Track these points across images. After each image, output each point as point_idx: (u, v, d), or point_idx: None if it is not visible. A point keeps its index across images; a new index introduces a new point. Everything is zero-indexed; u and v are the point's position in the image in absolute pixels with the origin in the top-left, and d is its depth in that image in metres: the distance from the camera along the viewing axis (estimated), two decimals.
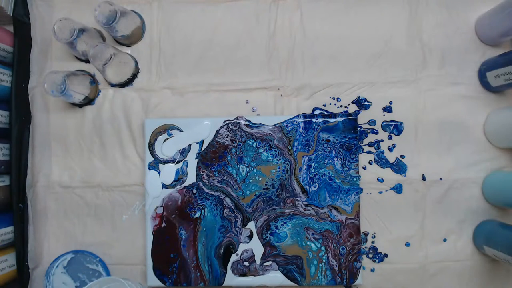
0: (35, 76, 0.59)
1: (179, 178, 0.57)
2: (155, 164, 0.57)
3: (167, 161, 0.57)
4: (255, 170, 0.56)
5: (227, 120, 0.57)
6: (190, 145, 0.57)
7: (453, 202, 0.57)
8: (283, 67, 0.58)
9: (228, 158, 0.57)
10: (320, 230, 0.56)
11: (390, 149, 0.57)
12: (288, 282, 0.56)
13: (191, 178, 0.57)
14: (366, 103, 0.58)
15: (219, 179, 0.57)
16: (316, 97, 0.58)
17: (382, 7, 0.58)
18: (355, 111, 0.58)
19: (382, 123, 0.57)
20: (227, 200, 0.57)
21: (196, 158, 0.57)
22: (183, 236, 0.57)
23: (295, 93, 0.58)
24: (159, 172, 0.57)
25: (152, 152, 0.57)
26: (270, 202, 0.56)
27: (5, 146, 0.58)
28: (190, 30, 0.59)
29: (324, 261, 0.56)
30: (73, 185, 0.59)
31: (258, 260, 0.56)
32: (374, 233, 0.57)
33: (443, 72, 0.57)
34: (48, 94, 0.54)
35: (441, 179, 0.57)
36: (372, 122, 0.57)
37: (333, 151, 0.56)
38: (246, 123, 0.57)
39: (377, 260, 0.57)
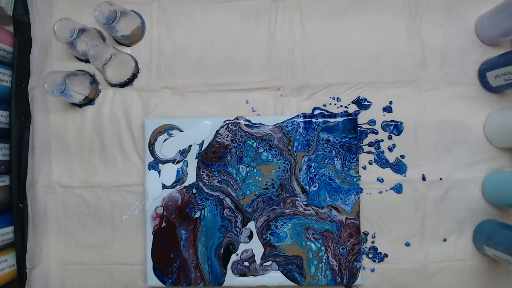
0: (35, 76, 0.59)
1: (180, 178, 0.57)
2: (155, 164, 0.57)
3: (167, 161, 0.57)
4: (255, 170, 0.56)
5: (227, 120, 0.57)
6: (190, 145, 0.57)
7: (453, 202, 0.57)
8: (283, 67, 0.58)
9: (228, 158, 0.57)
10: (320, 230, 0.56)
11: (390, 149, 0.57)
12: (288, 282, 0.56)
13: (191, 178, 0.57)
14: (366, 103, 0.58)
15: (219, 179, 0.57)
16: (316, 97, 0.58)
17: (382, 7, 0.58)
18: (355, 111, 0.58)
19: (382, 123, 0.57)
20: (227, 200, 0.56)
21: (196, 158, 0.57)
22: (183, 236, 0.57)
23: (295, 93, 0.58)
24: (159, 172, 0.57)
25: (152, 152, 0.57)
26: (270, 202, 0.56)
27: (5, 146, 0.58)
28: (190, 30, 0.59)
29: (324, 261, 0.56)
30: (73, 185, 0.59)
31: (258, 260, 0.56)
32: (374, 233, 0.57)
33: (443, 72, 0.57)
34: (48, 94, 0.54)
35: (441, 179, 0.57)
36: (372, 122, 0.57)
37: (333, 151, 0.56)
38: (246, 123, 0.57)
39: (377, 260, 0.57)
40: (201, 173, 0.57)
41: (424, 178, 0.57)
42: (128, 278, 0.59)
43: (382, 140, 0.57)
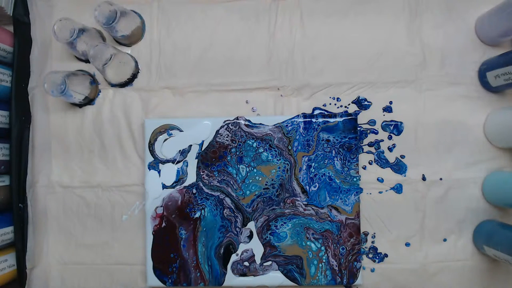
0: (35, 76, 0.59)
1: (180, 178, 0.57)
2: (155, 164, 0.57)
3: (167, 161, 0.57)
4: (255, 170, 0.56)
5: (227, 120, 0.57)
6: (190, 145, 0.57)
7: (453, 202, 0.57)
8: (283, 67, 0.58)
9: (228, 158, 0.57)
10: (320, 230, 0.56)
11: (390, 149, 0.57)
12: (288, 282, 0.56)
13: (191, 178, 0.57)
14: (366, 103, 0.58)
15: (219, 179, 0.57)
16: (316, 97, 0.58)
17: (382, 7, 0.58)
18: (355, 111, 0.58)
19: (382, 123, 0.57)
20: (227, 200, 0.56)
21: (196, 158, 0.57)
22: (183, 236, 0.57)
23: (295, 93, 0.58)
24: (159, 172, 0.57)
25: (152, 152, 0.57)
26: (270, 202, 0.56)
27: (5, 146, 0.58)
28: (190, 30, 0.59)
29: (324, 261, 0.56)
30: (73, 185, 0.59)
31: (258, 260, 0.56)
32: (374, 233, 0.57)
33: (443, 72, 0.57)
34: (48, 94, 0.54)
35: (441, 179, 0.57)
36: (372, 122, 0.57)
37: (333, 151, 0.56)
38: (246, 123, 0.57)
39: (377, 260, 0.57)
40: (201, 173, 0.57)
41: (424, 178, 0.57)
42: (128, 278, 0.59)
43: (382, 140, 0.57)
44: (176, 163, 0.57)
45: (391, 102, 0.57)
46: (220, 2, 0.59)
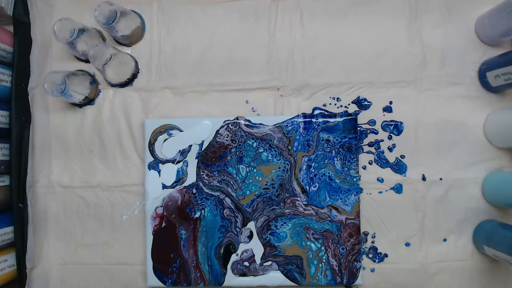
0: (35, 76, 0.59)
1: (180, 178, 0.57)
2: (155, 164, 0.57)
3: (167, 161, 0.57)
4: (255, 170, 0.56)
5: (227, 120, 0.57)
6: (190, 145, 0.57)
7: (453, 202, 0.57)
8: (283, 67, 0.58)
9: (228, 158, 0.57)
10: (320, 230, 0.56)
11: (390, 149, 0.57)
12: (288, 282, 0.56)
13: (191, 178, 0.57)
14: (366, 103, 0.58)
15: (219, 179, 0.57)
16: (316, 97, 0.58)
17: (382, 7, 0.58)
18: (355, 111, 0.58)
19: (382, 123, 0.57)
20: (227, 200, 0.57)
21: (196, 158, 0.57)
22: (183, 236, 0.57)
23: (295, 93, 0.58)
24: (159, 172, 0.57)
25: (152, 152, 0.57)
26: (270, 202, 0.56)
27: (5, 146, 0.58)
28: (190, 30, 0.59)
29: (324, 261, 0.56)
30: (73, 185, 0.59)
31: (258, 260, 0.56)
32: (374, 233, 0.57)
33: (443, 72, 0.57)
34: (48, 94, 0.54)
35: (441, 179, 0.57)
36: (372, 122, 0.57)
37: (333, 151, 0.56)
38: (246, 123, 0.57)
39: (377, 260, 0.57)
40: (201, 173, 0.57)
41: (424, 178, 0.57)
42: (128, 278, 0.59)
43: (382, 140, 0.57)
44: (176, 163, 0.57)
45: (391, 102, 0.57)
46: (220, 2, 0.59)
